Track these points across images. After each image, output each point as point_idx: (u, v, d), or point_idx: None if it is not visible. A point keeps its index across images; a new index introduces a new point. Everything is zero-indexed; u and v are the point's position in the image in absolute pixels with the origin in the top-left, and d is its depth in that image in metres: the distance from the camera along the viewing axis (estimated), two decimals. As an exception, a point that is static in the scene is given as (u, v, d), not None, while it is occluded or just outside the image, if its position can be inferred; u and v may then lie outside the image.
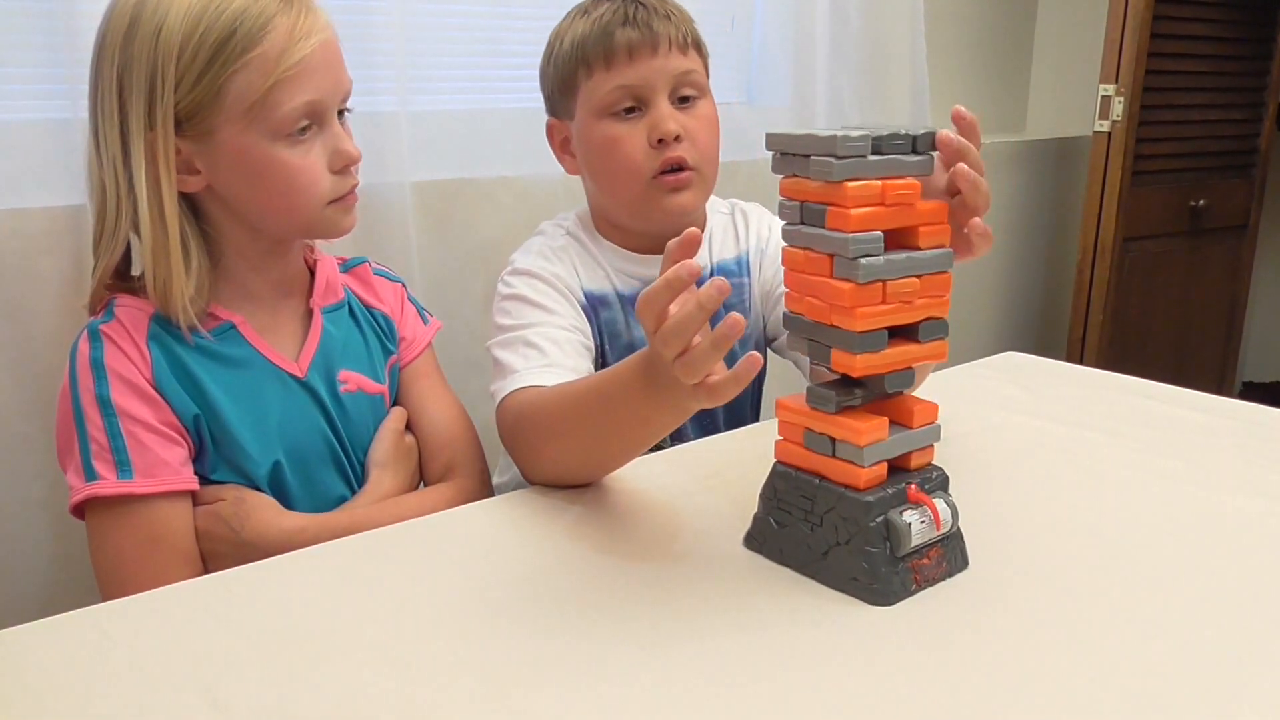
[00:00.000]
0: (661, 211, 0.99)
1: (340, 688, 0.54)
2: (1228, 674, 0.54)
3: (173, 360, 0.82)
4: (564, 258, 1.02)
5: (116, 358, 0.80)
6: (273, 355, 0.86)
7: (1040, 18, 2.52)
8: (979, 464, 0.83)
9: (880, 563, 0.61)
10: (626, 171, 0.97)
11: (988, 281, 2.41)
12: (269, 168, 0.80)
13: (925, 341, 0.62)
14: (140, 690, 0.53)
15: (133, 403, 0.79)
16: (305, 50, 0.78)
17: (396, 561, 0.69)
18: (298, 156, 0.80)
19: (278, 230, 0.85)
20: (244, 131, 0.78)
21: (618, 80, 0.96)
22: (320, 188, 0.82)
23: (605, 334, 1.02)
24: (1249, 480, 0.80)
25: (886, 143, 0.60)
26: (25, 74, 1.06)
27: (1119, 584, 0.64)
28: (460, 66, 1.39)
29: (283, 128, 0.79)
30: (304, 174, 0.81)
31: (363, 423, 0.91)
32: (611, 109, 0.97)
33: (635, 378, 0.69)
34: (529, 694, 0.53)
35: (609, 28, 0.96)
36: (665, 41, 0.96)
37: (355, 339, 0.93)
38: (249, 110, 0.77)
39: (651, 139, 0.96)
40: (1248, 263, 2.44)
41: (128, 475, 0.78)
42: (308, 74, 0.79)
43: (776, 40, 1.75)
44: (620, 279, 1.03)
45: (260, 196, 0.81)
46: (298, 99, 0.79)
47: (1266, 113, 2.33)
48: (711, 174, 1.02)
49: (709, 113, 1.01)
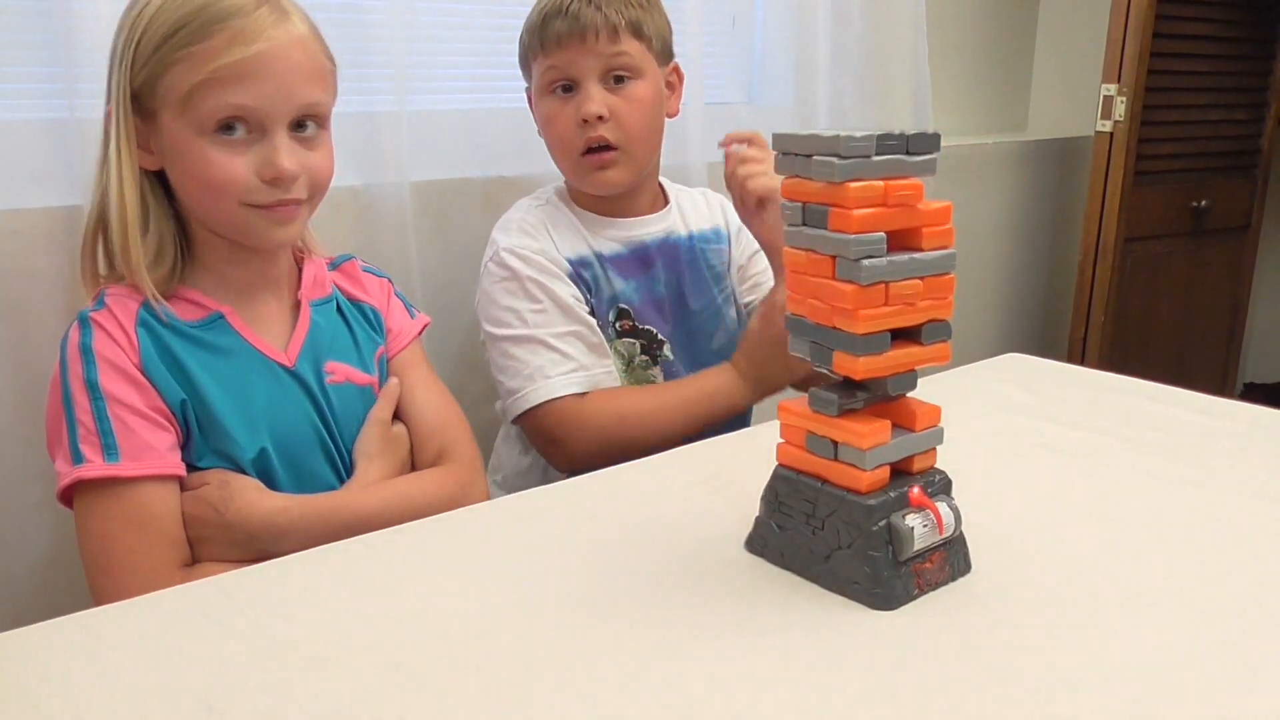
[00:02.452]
0: (590, 184, 1.11)
1: (337, 692, 0.53)
2: (1231, 676, 0.54)
3: (160, 347, 0.82)
4: (540, 232, 1.12)
5: (105, 343, 0.80)
6: (261, 345, 0.87)
7: (1042, 18, 2.51)
8: (981, 466, 0.82)
9: (882, 567, 0.61)
10: (559, 146, 1.10)
11: (989, 282, 2.41)
12: (190, 158, 0.81)
13: (928, 344, 0.62)
14: (136, 695, 0.53)
15: (120, 387, 0.80)
16: (243, 54, 0.79)
17: (394, 565, 0.68)
18: (220, 154, 0.81)
19: (209, 220, 0.86)
20: (176, 120, 0.81)
21: (550, 62, 1.08)
22: (234, 187, 0.82)
23: (591, 291, 1.12)
24: (1251, 482, 0.80)
25: (889, 143, 0.59)
26: (22, 74, 1.06)
27: (1122, 587, 0.63)
28: (459, 66, 1.40)
29: (205, 125, 0.80)
30: (221, 170, 0.81)
31: (351, 413, 0.92)
32: (550, 88, 1.10)
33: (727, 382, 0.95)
34: (528, 697, 0.52)
35: (547, 17, 1.07)
36: (593, 32, 1.06)
37: (342, 331, 0.94)
38: (179, 102, 0.80)
39: (577, 119, 1.07)
40: (1249, 264, 2.44)
41: (114, 459, 0.78)
42: (241, 79, 0.79)
43: (778, 40, 1.74)
44: (597, 240, 1.14)
45: (187, 186, 0.84)
46: (224, 99, 0.79)
47: (1269, 113, 2.32)
48: (641, 152, 1.11)
49: (640, 94, 1.09)
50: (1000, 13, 2.42)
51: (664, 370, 1.16)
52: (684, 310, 1.18)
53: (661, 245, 1.17)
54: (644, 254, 1.16)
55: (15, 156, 1.04)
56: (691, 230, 1.20)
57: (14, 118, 1.05)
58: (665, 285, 1.17)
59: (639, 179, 1.15)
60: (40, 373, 1.03)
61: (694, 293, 1.19)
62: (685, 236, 1.19)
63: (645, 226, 1.16)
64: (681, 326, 1.18)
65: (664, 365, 1.16)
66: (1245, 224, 2.39)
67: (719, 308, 1.21)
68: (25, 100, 1.06)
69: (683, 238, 1.19)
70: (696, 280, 1.19)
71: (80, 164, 1.03)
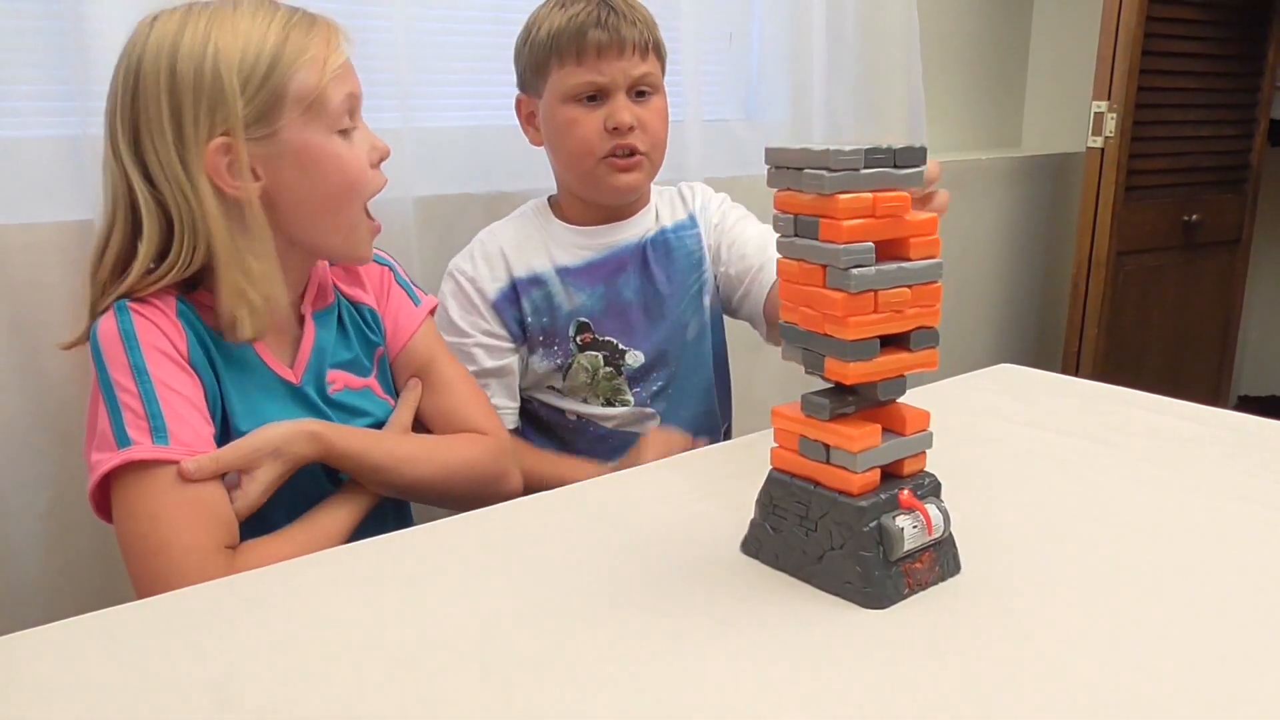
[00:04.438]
0: (608, 186, 1.15)
1: (344, 688, 0.55)
2: (1219, 679, 0.55)
3: (201, 343, 0.85)
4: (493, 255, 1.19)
5: (148, 330, 0.81)
6: (271, 361, 0.89)
7: (1034, 36, 2.55)
8: (973, 472, 0.84)
9: (874, 567, 0.62)
10: (580, 150, 1.14)
11: (984, 294, 2.43)
12: (326, 159, 0.86)
13: (917, 350, 0.64)
14: (149, 693, 0.54)
15: (168, 371, 0.81)
16: (342, 57, 0.87)
17: (401, 566, 0.70)
18: (347, 149, 0.88)
19: (320, 232, 0.89)
20: (304, 128, 0.85)
21: (585, 75, 1.11)
22: (368, 181, 0.90)
23: (536, 312, 1.18)
24: (1239, 487, 0.81)
25: (877, 157, 0.61)
26: (36, 91, 1.08)
27: (1110, 589, 0.65)
28: (462, 83, 1.42)
29: (337, 121, 0.86)
30: (354, 164, 0.88)
31: (355, 420, 0.94)
32: (575, 96, 1.12)
33: None
34: (531, 696, 0.54)
35: (583, 27, 1.10)
36: (630, 45, 1.11)
37: (340, 340, 0.96)
38: (309, 107, 0.85)
39: (607, 126, 1.12)
40: (1241, 277, 2.46)
41: (164, 441, 0.77)
42: (346, 73, 0.88)
43: (774, 57, 1.77)
44: (565, 251, 1.19)
45: (318, 191, 0.87)
46: (343, 91, 0.87)
47: (1258, 129, 2.35)
48: (659, 159, 1.19)
49: (661, 106, 1.17)
50: (993, 31, 2.46)
51: (628, 379, 1.20)
52: (659, 301, 1.21)
53: (636, 249, 1.22)
54: (618, 258, 1.20)
55: (29, 172, 1.06)
56: (664, 225, 1.23)
57: (28, 134, 1.07)
58: (636, 288, 1.21)
59: (648, 186, 1.22)
60: (49, 384, 1.05)
61: (668, 282, 1.22)
62: (659, 230, 1.23)
63: (622, 232, 1.21)
64: (653, 324, 1.21)
65: (628, 374, 1.20)
66: (1236, 238, 2.42)
67: (694, 296, 1.23)
68: (39, 118, 1.08)
69: (656, 233, 1.23)
70: (670, 269, 1.22)
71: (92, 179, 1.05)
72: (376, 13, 1.26)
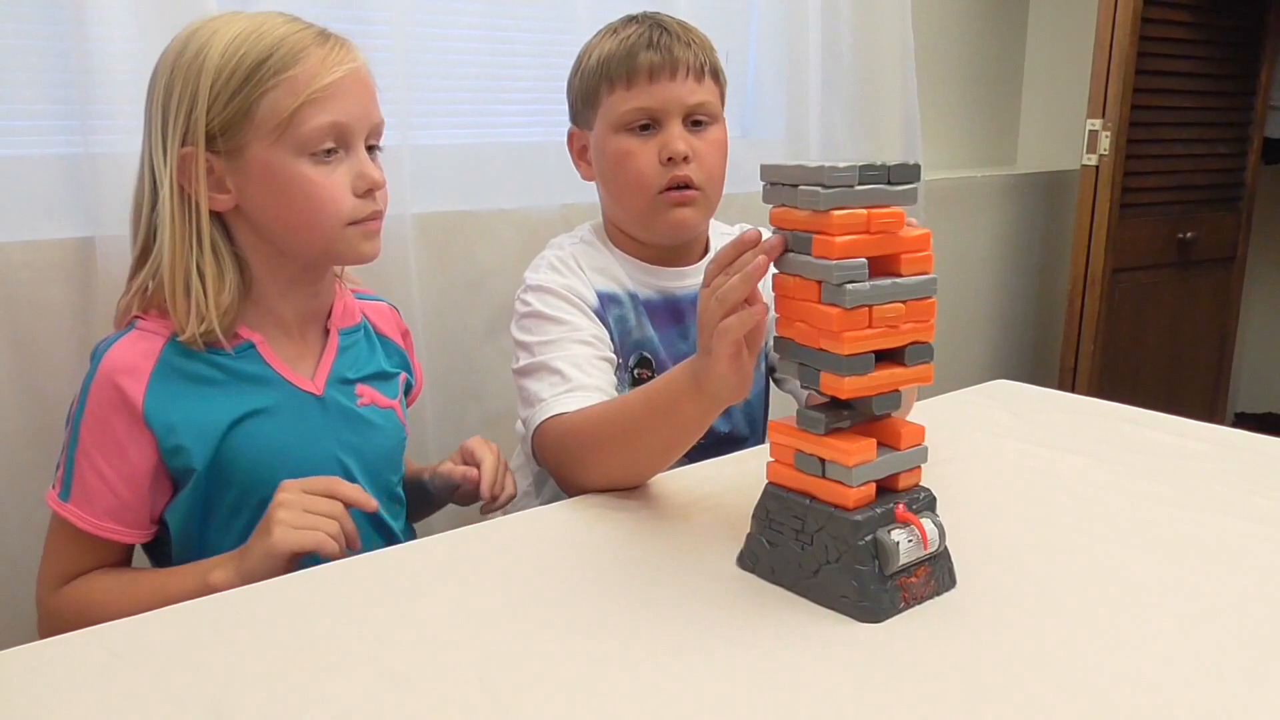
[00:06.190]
0: (665, 224, 1.05)
1: (341, 701, 0.55)
2: (1215, 693, 0.56)
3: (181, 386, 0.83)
4: (572, 267, 1.07)
5: (102, 389, 0.81)
6: (290, 375, 0.88)
7: (1029, 55, 2.57)
8: (968, 486, 0.84)
9: (869, 580, 0.63)
10: (636, 184, 1.04)
11: (980, 311, 2.44)
12: (293, 183, 0.83)
13: (911, 365, 0.64)
14: (147, 707, 0.55)
15: (99, 439, 0.82)
16: (334, 76, 0.83)
17: (397, 581, 0.70)
18: (321, 175, 0.84)
19: (301, 248, 0.87)
20: (271, 147, 0.82)
21: (636, 101, 1.02)
22: (340, 206, 0.85)
23: (616, 330, 1.07)
24: (1233, 503, 0.82)
25: (871, 174, 0.62)
26: (38, 110, 1.09)
27: (1103, 603, 0.65)
28: (460, 101, 1.43)
29: (308, 145, 0.83)
30: (325, 190, 0.84)
31: (378, 436, 0.93)
32: (628, 124, 1.03)
33: (683, 384, 0.78)
34: (528, 707, 0.54)
35: (634, 49, 1.03)
36: (684, 68, 1.02)
37: (369, 356, 0.96)
38: (277, 127, 0.82)
39: (661, 157, 1.02)
40: (1236, 294, 2.47)
41: (65, 498, 0.83)
42: (334, 98, 0.83)
43: (770, 75, 1.78)
44: (632, 282, 1.08)
45: (284, 213, 0.84)
46: (323, 119, 0.83)
47: (1251, 147, 2.37)
48: (715, 194, 1.08)
49: (718, 138, 1.07)
50: (988, 50, 2.48)
51: None
52: None
53: (696, 300, 1.07)
54: (675, 307, 1.11)
55: (31, 191, 1.06)
56: None
57: (30, 153, 1.08)
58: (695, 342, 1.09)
59: (705, 224, 1.12)
60: (49, 400, 1.05)
61: None
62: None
63: (682, 279, 1.11)
64: None
65: None
66: (1231, 255, 2.43)
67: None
68: (42, 136, 1.09)
69: None
70: None
71: (93, 198, 1.06)
72: (375, 31, 1.28)
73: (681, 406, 0.79)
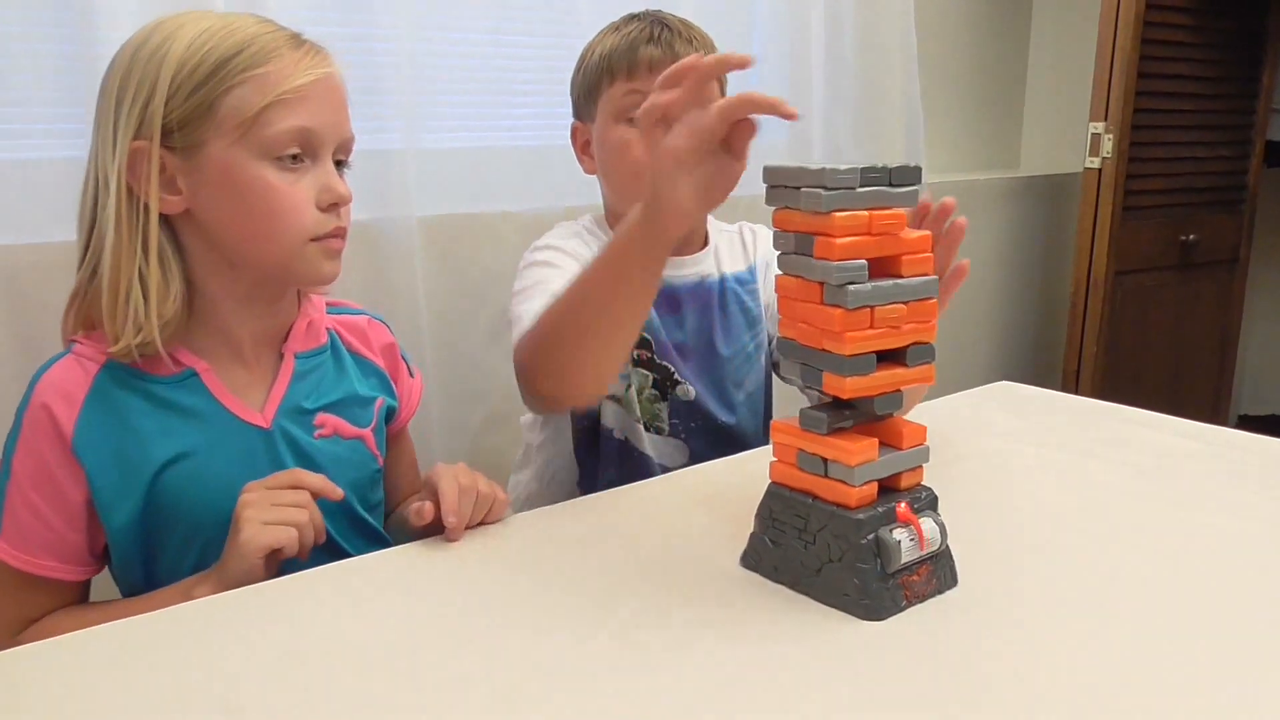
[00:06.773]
0: None
1: (348, 698, 0.55)
2: (1217, 694, 0.56)
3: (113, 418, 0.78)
4: (582, 237, 1.10)
5: (35, 420, 0.77)
6: (235, 406, 0.81)
7: (1032, 58, 2.58)
8: (970, 486, 0.85)
9: (871, 579, 0.63)
10: (635, 174, 1.04)
11: (983, 314, 2.45)
12: (253, 187, 0.77)
13: (913, 365, 0.65)
14: (155, 704, 0.55)
15: (28, 470, 0.76)
16: (306, 79, 0.78)
17: (404, 579, 0.71)
18: (284, 182, 0.78)
19: (255, 261, 0.80)
20: (232, 146, 0.76)
21: (635, 87, 1.04)
22: (302, 217, 0.79)
23: None
24: (1236, 504, 0.82)
25: (873, 176, 0.63)
26: (45, 113, 1.09)
27: (1107, 604, 0.66)
28: (465, 105, 1.44)
29: (272, 149, 0.77)
30: (287, 199, 0.78)
31: (336, 469, 0.84)
32: (627, 114, 1.04)
33: (633, 229, 0.77)
34: (534, 706, 0.55)
35: (635, 44, 1.05)
36: None
37: (336, 380, 0.88)
38: (241, 125, 0.76)
39: None
40: (1239, 297, 2.48)
41: None
42: (305, 102, 0.78)
43: (773, 77, 1.79)
44: None
45: (240, 219, 0.78)
46: (291, 122, 0.77)
47: (1253, 149, 2.37)
48: None
49: None
50: (991, 53, 2.48)
51: (672, 408, 1.12)
52: (713, 356, 1.13)
53: (694, 290, 1.13)
54: (673, 296, 1.12)
55: (38, 193, 1.07)
56: (725, 272, 1.15)
57: (38, 155, 1.09)
58: (692, 331, 1.13)
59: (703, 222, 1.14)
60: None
61: (725, 339, 1.14)
62: (718, 280, 1.15)
63: (679, 269, 1.12)
64: (708, 373, 1.13)
65: (673, 403, 1.12)
66: (1233, 258, 2.43)
67: (750, 354, 1.16)
68: (49, 139, 1.10)
69: (715, 281, 1.15)
70: (728, 325, 1.15)
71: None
72: (380, 35, 1.28)
73: (627, 253, 0.77)
